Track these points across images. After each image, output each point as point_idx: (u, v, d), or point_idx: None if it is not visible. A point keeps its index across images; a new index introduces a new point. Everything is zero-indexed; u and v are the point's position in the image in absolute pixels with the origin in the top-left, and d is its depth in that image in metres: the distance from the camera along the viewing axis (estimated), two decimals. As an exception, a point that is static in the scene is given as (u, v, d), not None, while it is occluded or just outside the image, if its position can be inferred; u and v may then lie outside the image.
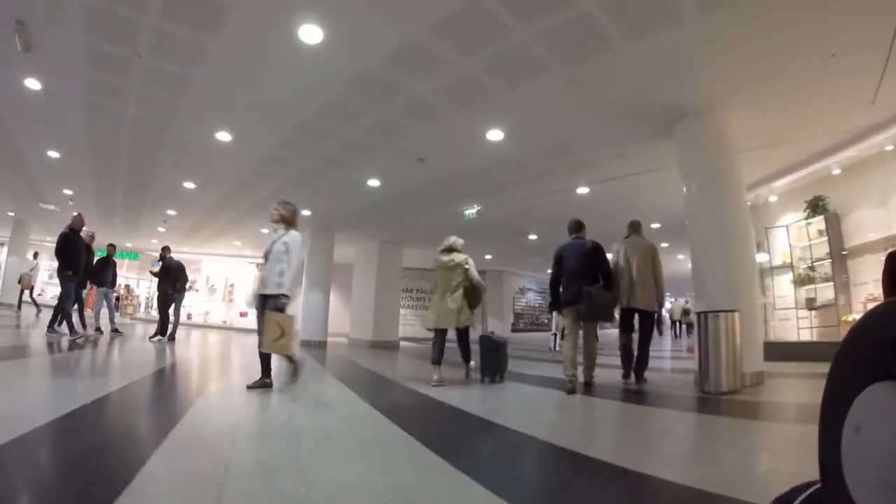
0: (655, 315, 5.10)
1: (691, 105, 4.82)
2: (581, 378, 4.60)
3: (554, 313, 8.98)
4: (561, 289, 4.68)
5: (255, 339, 4.09)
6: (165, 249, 8.54)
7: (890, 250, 0.42)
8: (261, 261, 4.29)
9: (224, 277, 18.34)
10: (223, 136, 6.11)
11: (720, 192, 4.91)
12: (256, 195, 8.81)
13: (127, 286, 20.02)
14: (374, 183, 7.55)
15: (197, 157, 6.96)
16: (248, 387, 3.80)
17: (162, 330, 8.24)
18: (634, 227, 5.20)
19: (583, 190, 7.43)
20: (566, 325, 4.67)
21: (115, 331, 8.27)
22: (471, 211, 8.36)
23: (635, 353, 4.95)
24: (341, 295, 15.71)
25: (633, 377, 4.91)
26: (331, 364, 6.79)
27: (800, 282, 7.50)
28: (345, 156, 6.46)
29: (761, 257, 7.77)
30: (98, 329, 8.08)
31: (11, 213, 13.59)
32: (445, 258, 4.90)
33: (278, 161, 6.86)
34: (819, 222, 7.14)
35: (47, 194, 10.40)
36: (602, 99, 4.75)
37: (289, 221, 4.10)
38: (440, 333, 4.86)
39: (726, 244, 4.77)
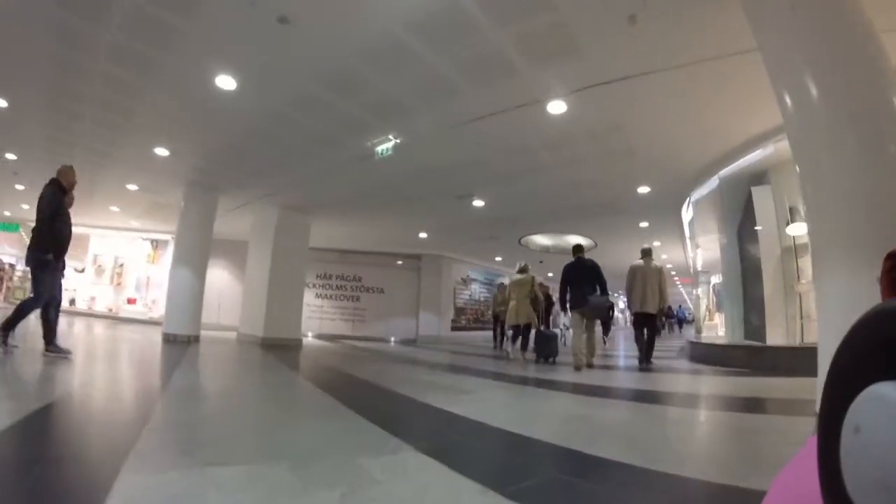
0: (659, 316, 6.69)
1: None
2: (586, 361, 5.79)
3: (561, 314, 10.69)
4: (569, 296, 6.10)
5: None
6: None
7: (890, 249, 0.44)
8: None
9: (113, 256, 14.68)
10: None
11: (856, 85, 2.34)
12: (84, 123, 5.65)
13: (11, 265, 15.97)
14: (226, 84, 4.47)
15: None
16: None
17: None
18: (647, 253, 6.48)
19: (557, 107, 4.65)
20: (573, 323, 6.06)
21: None
22: (385, 146, 5.49)
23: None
24: (241, 279, 12.33)
25: (644, 362, 6.21)
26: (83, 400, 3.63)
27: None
28: (157, 12, 3.37)
29: (795, 229, 5.53)
30: None
31: None
32: (520, 276, 6.92)
33: (70, 37, 3.70)
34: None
35: None
36: None
37: None
38: (516, 327, 6.92)
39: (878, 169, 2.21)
